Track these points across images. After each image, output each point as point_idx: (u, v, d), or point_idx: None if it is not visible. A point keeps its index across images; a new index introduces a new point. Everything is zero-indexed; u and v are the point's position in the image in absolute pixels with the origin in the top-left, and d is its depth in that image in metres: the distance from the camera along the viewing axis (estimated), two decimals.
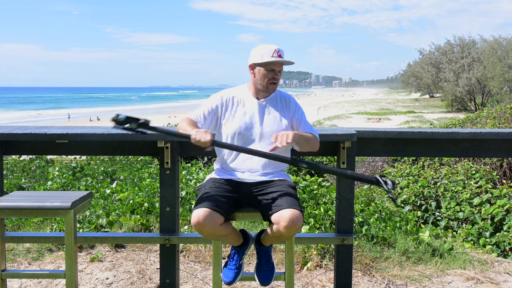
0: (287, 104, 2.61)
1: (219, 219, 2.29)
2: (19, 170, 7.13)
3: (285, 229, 2.25)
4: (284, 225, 2.24)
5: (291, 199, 2.35)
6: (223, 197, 2.38)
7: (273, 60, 2.48)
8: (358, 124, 34.06)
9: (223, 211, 2.31)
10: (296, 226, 2.25)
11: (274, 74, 2.52)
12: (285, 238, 2.36)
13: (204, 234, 2.29)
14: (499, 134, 3.15)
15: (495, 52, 38.49)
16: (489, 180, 6.02)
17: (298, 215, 2.26)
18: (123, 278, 3.47)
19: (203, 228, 2.26)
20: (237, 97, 2.58)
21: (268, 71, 2.52)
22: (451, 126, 9.47)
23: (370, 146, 3.15)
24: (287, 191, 2.42)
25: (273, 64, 2.50)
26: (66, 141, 3.04)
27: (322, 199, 4.80)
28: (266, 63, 2.50)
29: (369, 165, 8.92)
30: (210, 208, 2.27)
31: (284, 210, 2.27)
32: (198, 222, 2.25)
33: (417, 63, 63.55)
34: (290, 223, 2.23)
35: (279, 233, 2.29)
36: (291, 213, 2.25)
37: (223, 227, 2.33)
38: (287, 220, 2.24)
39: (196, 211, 2.27)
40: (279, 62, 2.50)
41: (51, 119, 46.75)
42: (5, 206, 2.49)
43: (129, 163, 7.95)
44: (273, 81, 2.53)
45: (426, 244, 3.99)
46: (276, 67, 2.52)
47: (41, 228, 4.42)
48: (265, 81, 2.52)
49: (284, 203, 2.31)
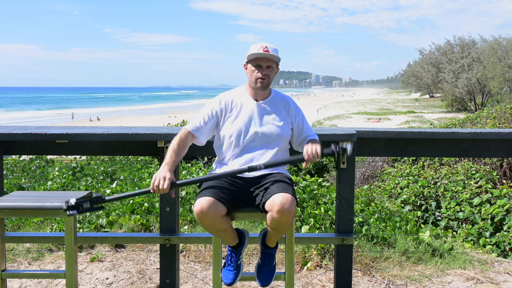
0: (286, 107, 2.61)
1: (222, 209, 2.28)
2: (19, 170, 7.13)
3: (277, 214, 2.22)
4: (276, 209, 2.22)
5: (282, 184, 2.35)
6: (225, 189, 2.38)
7: (258, 55, 2.48)
8: (358, 124, 34.06)
9: (226, 202, 2.30)
10: (289, 210, 2.22)
11: (261, 70, 2.50)
12: (282, 226, 2.31)
13: (206, 224, 2.28)
14: (499, 134, 3.15)
15: (495, 52, 38.48)
16: (489, 180, 6.03)
17: (290, 198, 2.23)
18: (123, 278, 3.47)
19: (206, 217, 2.25)
20: (236, 99, 2.58)
21: (255, 67, 2.51)
22: (451, 126, 9.47)
23: (370, 146, 3.15)
24: (281, 179, 2.42)
25: (258, 59, 2.50)
26: (66, 141, 3.04)
27: (322, 199, 4.79)
28: (253, 58, 2.51)
29: (369, 165, 8.91)
30: (214, 198, 2.26)
31: (275, 195, 2.26)
32: (202, 210, 2.23)
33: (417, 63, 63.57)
34: (281, 207, 2.21)
35: (274, 220, 2.26)
36: (282, 197, 2.23)
37: (224, 220, 2.33)
38: (279, 204, 2.21)
39: (199, 200, 2.26)
40: (265, 57, 2.49)
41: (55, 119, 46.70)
42: (5, 206, 2.49)
43: (129, 163, 7.94)
44: (261, 77, 2.51)
45: (426, 244, 3.99)
46: (262, 62, 2.50)
47: (41, 228, 4.42)
48: (254, 78, 2.52)
49: (276, 189, 2.30)
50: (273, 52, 2.49)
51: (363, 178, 8.60)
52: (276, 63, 2.57)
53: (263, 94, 2.57)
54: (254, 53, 2.49)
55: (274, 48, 2.52)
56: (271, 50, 2.49)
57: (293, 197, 2.26)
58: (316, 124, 34.39)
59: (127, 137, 2.96)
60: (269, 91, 2.61)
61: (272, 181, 2.42)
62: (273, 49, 2.51)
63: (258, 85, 2.52)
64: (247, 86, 2.60)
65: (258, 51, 2.48)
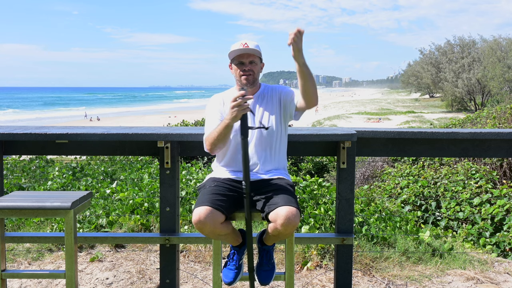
0: (274, 93, 2.58)
1: (220, 217, 2.29)
2: (19, 170, 7.13)
3: (282, 227, 2.25)
4: (280, 222, 2.24)
5: (287, 197, 2.35)
6: (223, 195, 2.38)
7: (238, 52, 2.47)
8: (358, 124, 34.05)
9: (224, 210, 2.31)
10: (293, 223, 2.24)
11: (244, 66, 2.49)
12: (284, 236, 2.35)
13: (205, 233, 2.29)
14: (499, 134, 3.15)
15: (494, 53, 38.47)
16: (489, 180, 6.02)
17: (294, 212, 2.25)
18: (123, 278, 3.47)
19: (204, 226, 2.26)
20: (227, 99, 2.57)
21: (237, 64, 2.51)
22: (451, 126, 9.47)
23: (370, 146, 3.15)
24: (284, 189, 2.42)
25: (240, 56, 2.49)
26: (66, 141, 3.04)
27: (322, 199, 4.80)
28: (235, 56, 2.51)
29: (369, 165, 8.91)
30: (211, 207, 2.27)
31: (280, 208, 2.26)
32: (200, 220, 2.25)
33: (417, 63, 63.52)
34: (286, 221, 2.23)
35: (277, 231, 2.29)
36: (287, 210, 2.24)
37: (224, 226, 2.34)
38: (283, 217, 2.23)
39: (197, 209, 2.27)
40: (245, 53, 2.47)
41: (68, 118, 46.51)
42: (5, 206, 2.49)
43: (129, 163, 7.94)
44: (245, 73, 2.50)
45: (426, 244, 3.99)
46: (244, 58, 2.49)
47: (41, 228, 4.42)
48: (238, 76, 2.52)
49: (280, 201, 2.30)
50: (253, 47, 2.48)
51: (363, 178, 8.60)
52: (260, 58, 2.55)
53: (252, 90, 2.55)
54: (234, 50, 2.48)
55: (255, 44, 2.50)
56: (251, 45, 2.48)
57: (297, 210, 2.28)
58: (316, 124, 34.38)
59: (127, 137, 2.96)
60: (258, 86, 2.60)
61: (275, 190, 2.41)
62: (253, 44, 2.49)
63: (244, 82, 2.51)
64: (236, 86, 2.60)
65: (238, 48, 2.48)
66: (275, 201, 2.33)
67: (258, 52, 2.51)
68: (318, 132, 2.94)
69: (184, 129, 3.07)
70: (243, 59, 2.50)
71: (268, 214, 2.31)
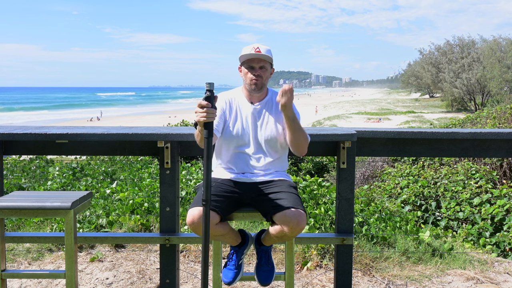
0: None
1: (215, 218, 2.27)
2: (19, 170, 7.13)
3: (289, 230, 2.24)
4: (288, 225, 2.23)
5: (293, 199, 2.34)
6: (220, 196, 2.37)
7: (249, 56, 2.46)
8: (358, 124, 34.04)
9: (219, 211, 2.29)
10: (301, 226, 2.24)
11: (254, 71, 2.48)
12: (288, 239, 2.35)
13: (200, 234, 2.28)
14: (499, 134, 3.15)
15: (494, 53, 38.45)
16: (489, 180, 6.03)
17: (303, 216, 2.25)
18: (123, 278, 3.47)
19: (197, 228, 2.24)
20: (235, 100, 2.56)
21: (248, 68, 2.50)
22: (451, 126, 9.47)
23: (370, 146, 3.15)
24: (289, 191, 2.41)
25: (251, 60, 2.48)
26: (66, 141, 3.04)
27: (322, 199, 4.80)
28: (245, 60, 2.49)
29: (369, 165, 8.91)
30: None
31: (288, 210, 2.25)
32: (193, 221, 2.24)
33: (417, 63, 63.52)
34: (295, 224, 2.23)
35: (283, 233, 2.27)
36: (296, 213, 2.24)
37: (219, 226, 2.32)
38: (292, 220, 2.23)
39: (191, 210, 2.26)
40: (257, 57, 2.46)
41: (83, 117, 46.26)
42: (5, 206, 2.49)
43: (129, 163, 7.95)
44: (255, 79, 2.48)
45: (426, 244, 3.99)
46: (255, 63, 2.48)
47: (41, 228, 4.42)
48: (248, 80, 2.50)
49: (288, 203, 2.29)
50: (265, 52, 2.46)
51: (363, 178, 8.60)
52: (270, 64, 2.53)
53: (259, 96, 2.55)
54: (246, 54, 2.47)
55: (267, 49, 2.49)
56: (263, 50, 2.46)
57: (304, 213, 2.28)
58: (316, 124, 34.37)
59: (127, 137, 2.96)
60: (265, 92, 2.58)
61: (281, 191, 2.40)
62: (265, 49, 2.47)
63: (252, 87, 2.49)
64: (243, 88, 2.59)
65: (250, 52, 2.46)
66: (282, 203, 2.31)
67: (269, 58, 2.49)
68: (318, 132, 2.94)
69: (184, 129, 3.07)
70: (254, 63, 2.48)
71: (274, 215, 2.29)
